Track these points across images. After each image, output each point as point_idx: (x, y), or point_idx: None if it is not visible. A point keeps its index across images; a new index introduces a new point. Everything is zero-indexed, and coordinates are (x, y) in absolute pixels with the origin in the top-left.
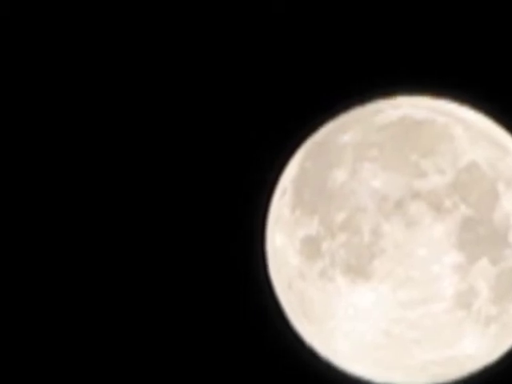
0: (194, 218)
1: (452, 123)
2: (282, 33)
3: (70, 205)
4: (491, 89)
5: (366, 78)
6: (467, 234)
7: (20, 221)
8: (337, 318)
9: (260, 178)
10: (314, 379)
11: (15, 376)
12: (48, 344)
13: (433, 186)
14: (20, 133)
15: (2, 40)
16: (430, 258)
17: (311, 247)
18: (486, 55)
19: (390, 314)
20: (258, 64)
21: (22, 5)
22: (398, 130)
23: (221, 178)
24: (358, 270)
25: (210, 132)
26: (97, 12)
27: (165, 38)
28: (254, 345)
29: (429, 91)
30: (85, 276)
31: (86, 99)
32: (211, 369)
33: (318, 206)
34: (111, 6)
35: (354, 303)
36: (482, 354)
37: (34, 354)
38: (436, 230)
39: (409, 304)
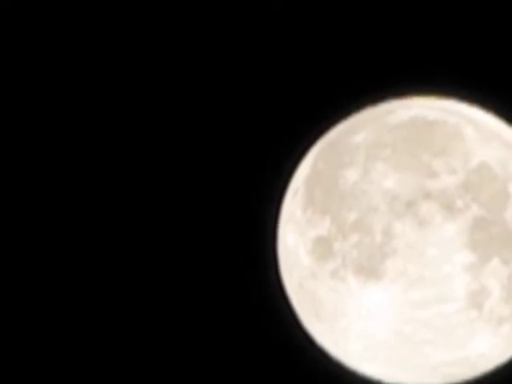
0: (206, 218)
1: (463, 123)
2: (290, 33)
3: (87, 208)
4: (502, 90)
5: (378, 79)
6: (479, 233)
7: (20, 221)
8: (348, 318)
9: (272, 178)
10: (324, 379)
11: (15, 376)
12: (48, 344)
13: (444, 186)
14: (20, 133)
15: (2, 39)
16: (442, 258)
17: (323, 247)
18: (498, 57)
19: (402, 314)
20: (269, 64)
21: (22, 4)
22: (410, 131)
23: (233, 178)
24: (370, 270)
25: (221, 133)
26: (97, 12)
27: (167, 40)
28: (265, 344)
29: (440, 92)
30: (92, 278)
31: (93, 100)
32: (221, 369)
33: (329, 206)
34: (111, 5)
35: (366, 303)
36: (495, 354)
37: (34, 353)
38: (448, 229)
39: (421, 304)
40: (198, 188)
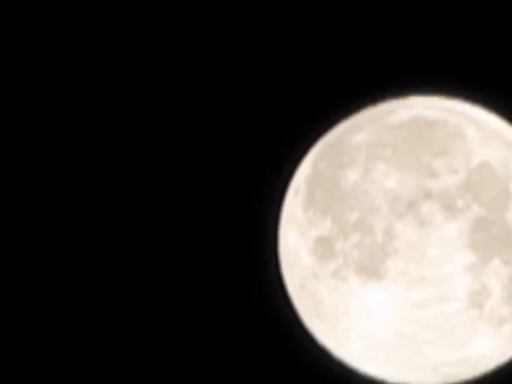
0: (206, 218)
1: (464, 123)
2: (290, 33)
3: (92, 209)
4: (503, 89)
5: (378, 78)
6: (480, 233)
7: (20, 221)
8: (350, 318)
9: (272, 178)
10: (326, 379)
11: (15, 376)
12: (48, 344)
13: (445, 186)
14: (20, 132)
15: (2, 39)
16: (443, 258)
17: (324, 247)
18: (498, 55)
19: (403, 314)
20: (269, 65)
21: (22, 4)
22: (411, 131)
23: (233, 178)
24: (371, 269)
25: (221, 133)
26: (97, 12)
27: (167, 40)
28: (266, 344)
29: (441, 91)
30: (92, 278)
31: (93, 100)
32: (221, 369)
33: (330, 206)
34: (111, 5)
35: (367, 303)
36: (495, 354)
37: (34, 353)
38: (449, 229)
39: (422, 304)
40: (198, 188)
